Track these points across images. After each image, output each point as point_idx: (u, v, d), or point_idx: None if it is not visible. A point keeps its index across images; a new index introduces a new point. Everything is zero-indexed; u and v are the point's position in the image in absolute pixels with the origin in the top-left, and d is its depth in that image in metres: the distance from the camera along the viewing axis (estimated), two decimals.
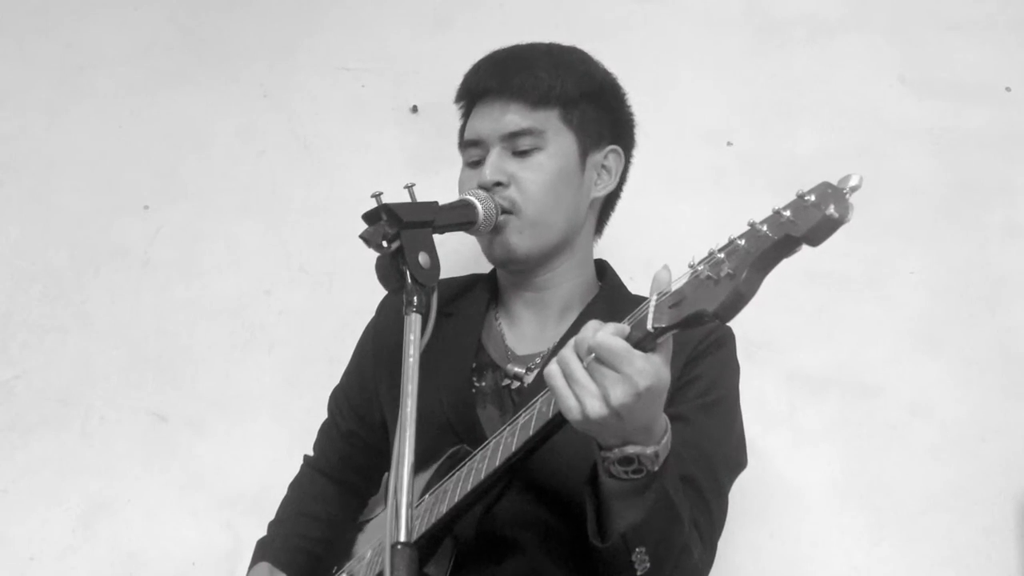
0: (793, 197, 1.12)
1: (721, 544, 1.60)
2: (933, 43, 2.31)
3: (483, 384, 1.69)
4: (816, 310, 2.19)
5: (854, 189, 1.10)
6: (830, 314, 2.19)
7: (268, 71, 2.47)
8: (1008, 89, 2.27)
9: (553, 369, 1.30)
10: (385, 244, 1.41)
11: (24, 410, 2.31)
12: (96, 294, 2.38)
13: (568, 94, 1.69)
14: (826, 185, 1.10)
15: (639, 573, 1.37)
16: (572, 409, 1.28)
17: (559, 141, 1.68)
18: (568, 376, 1.29)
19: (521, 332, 1.74)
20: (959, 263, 2.20)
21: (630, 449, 1.32)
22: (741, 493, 1.70)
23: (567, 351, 1.30)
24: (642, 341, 1.25)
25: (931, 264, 2.20)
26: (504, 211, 1.64)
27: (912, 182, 2.24)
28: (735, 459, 1.65)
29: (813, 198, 1.10)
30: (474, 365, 1.70)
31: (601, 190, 1.76)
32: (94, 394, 2.31)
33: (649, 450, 1.32)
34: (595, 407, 1.26)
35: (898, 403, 2.14)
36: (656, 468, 1.34)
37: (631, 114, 1.81)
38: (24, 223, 2.43)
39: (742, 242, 1.15)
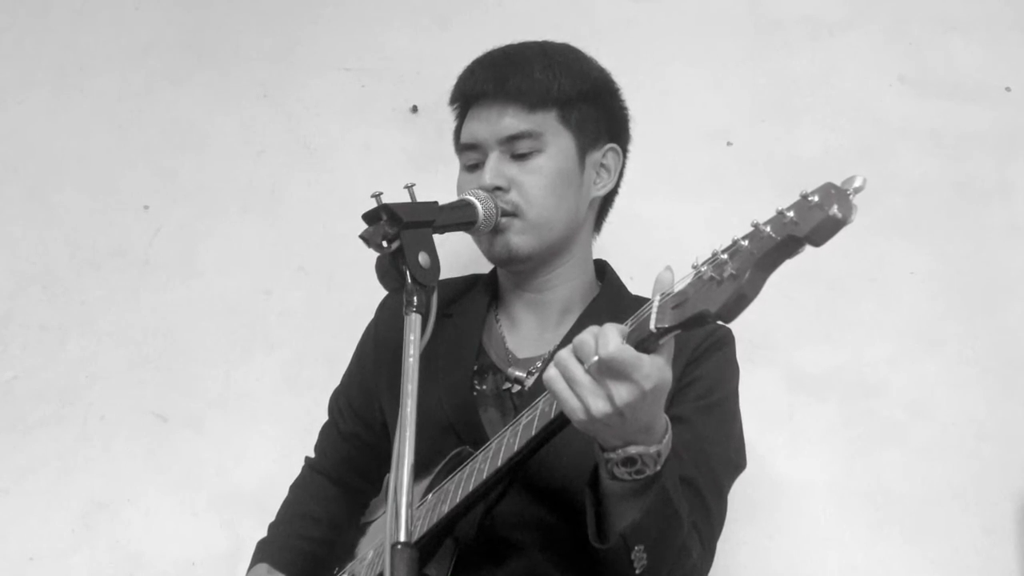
0: (796, 198, 1.12)
1: (721, 544, 1.60)
2: (933, 43, 2.31)
3: (484, 387, 1.69)
4: (816, 310, 2.19)
5: (858, 190, 1.10)
6: (830, 314, 2.19)
7: (268, 71, 2.47)
8: (1008, 89, 2.28)
9: (552, 373, 1.30)
10: (385, 244, 1.41)
11: (24, 410, 2.31)
12: (96, 294, 2.38)
13: (565, 94, 1.68)
14: (830, 186, 1.10)
15: (637, 571, 1.37)
16: (576, 410, 1.28)
17: (558, 142, 1.68)
18: (569, 380, 1.28)
19: (522, 335, 1.74)
20: (959, 263, 2.20)
21: (633, 449, 1.32)
22: (741, 493, 1.70)
23: (565, 354, 1.29)
24: (644, 341, 1.25)
25: (931, 264, 2.20)
26: (506, 214, 1.64)
27: (912, 182, 2.24)
28: (735, 461, 1.66)
29: (816, 199, 1.10)
30: (475, 368, 1.70)
31: (600, 189, 1.75)
32: (94, 394, 2.31)
33: (652, 449, 1.32)
34: (599, 406, 1.26)
35: (898, 403, 2.14)
36: (658, 468, 1.34)
37: (626, 110, 1.80)
38: (24, 223, 2.43)
39: (745, 243, 1.15)
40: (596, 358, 1.25)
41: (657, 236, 2.19)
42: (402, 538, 1.20)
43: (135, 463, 2.27)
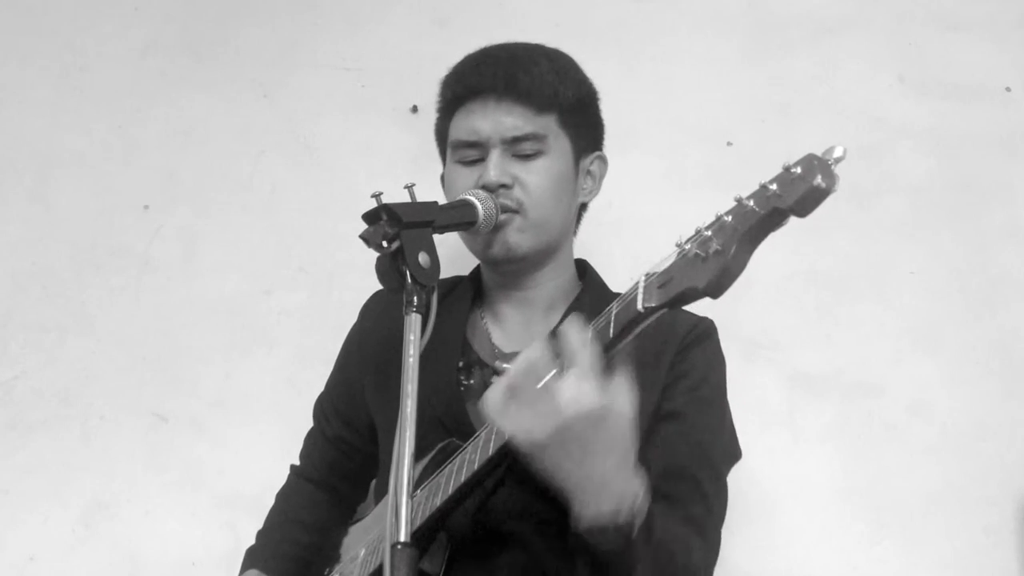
0: (779, 171, 1.13)
1: (721, 544, 1.60)
2: (933, 43, 2.32)
3: (471, 381, 1.69)
4: (816, 310, 2.19)
5: (839, 160, 1.11)
6: (830, 314, 2.19)
7: (268, 71, 2.47)
8: (1008, 89, 2.28)
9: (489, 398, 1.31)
10: (385, 244, 1.41)
11: (24, 410, 2.31)
12: (96, 294, 2.38)
13: (567, 100, 1.69)
14: (812, 157, 1.12)
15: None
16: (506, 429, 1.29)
17: (559, 146, 1.68)
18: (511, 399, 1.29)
19: (508, 330, 1.75)
20: (959, 263, 2.20)
21: (600, 518, 1.30)
22: (741, 493, 1.70)
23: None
24: (611, 343, 1.26)
25: (931, 264, 2.20)
26: (508, 210, 1.64)
27: (912, 182, 2.24)
28: (730, 450, 1.66)
29: (799, 170, 1.11)
30: (461, 363, 1.70)
31: (588, 195, 1.77)
32: (94, 394, 2.31)
33: (621, 520, 1.30)
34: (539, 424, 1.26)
35: (898, 403, 2.14)
36: (633, 536, 1.31)
37: (603, 121, 1.81)
38: (24, 223, 2.43)
39: (728, 218, 1.16)
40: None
41: (657, 236, 2.17)
42: (402, 537, 1.19)
43: (135, 463, 2.26)
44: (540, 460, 1.29)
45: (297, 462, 1.95)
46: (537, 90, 1.66)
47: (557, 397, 1.24)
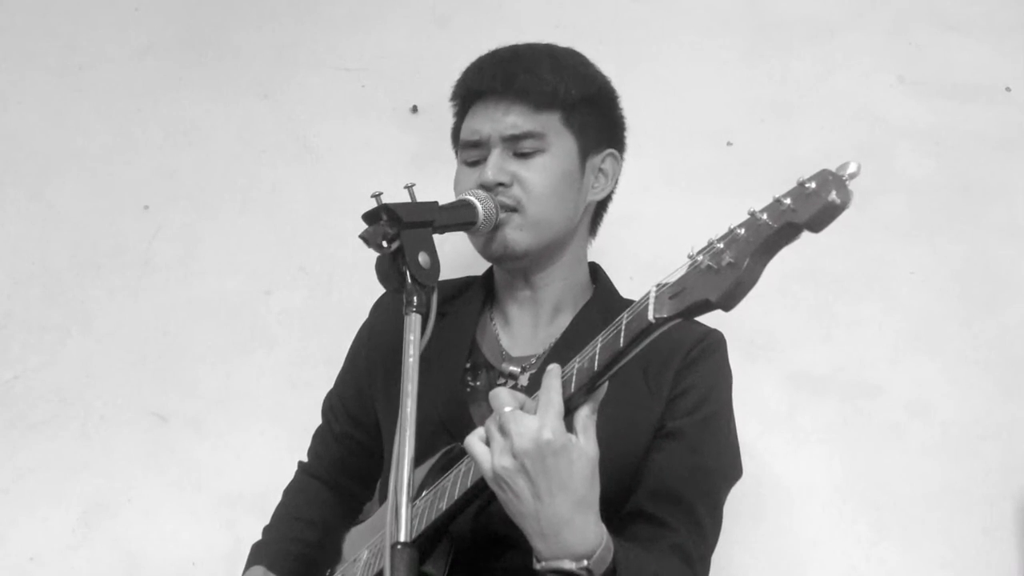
0: (793, 185, 1.13)
1: (722, 544, 1.60)
2: (933, 43, 2.32)
3: (478, 384, 1.69)
4: (816, 310, 2.19)
5: (853, 175, 1.11)
6: (830, 314, 2.19)
7: (268, 71, 2.47)
8: (1008, 89, 2.28)
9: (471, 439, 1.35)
10: (385, 244, 1.41)
11: (24, 410, 2.31)
12: (96, 294, 2.38)
13: (571, 98, 1.68)
14: (826, 172, 1.12)
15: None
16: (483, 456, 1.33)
17: (561, 144, 1.68)
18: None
19: (516, 333, 1.75)
20: (959, 263, 2.20)
21: (556, 563, 1.32)
22: (742, 493, 1.70)
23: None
24: (621, 353, 1.27)
25: (931, 264, 2.20)
26: (508, 208, 1.64)
27: (912, 182, 2.24)
28: (731, 472, 1.65)
29: (814, 185, 1.11)
30: (468, 365, 1.70)
31: (598, 193, 1.76)
32: (94, 394, 2.31)
33: (579, 569, 1.32)
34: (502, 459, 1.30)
35: (898, 403, 2.14)
36: None
37: (624, 118, 1.81)
38: (24, 223, 2.43)
39: (742, 231, 1.16)
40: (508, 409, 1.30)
41: (657, 236, 2.19)
42: (402, 538, 1.19)
43: (135, 463, 2.27)
44: (497, 490, 1.32)
45: (305, 459, 1.95)
46: (536, 88, 1.66)
47: (515, 426, 1.28)
